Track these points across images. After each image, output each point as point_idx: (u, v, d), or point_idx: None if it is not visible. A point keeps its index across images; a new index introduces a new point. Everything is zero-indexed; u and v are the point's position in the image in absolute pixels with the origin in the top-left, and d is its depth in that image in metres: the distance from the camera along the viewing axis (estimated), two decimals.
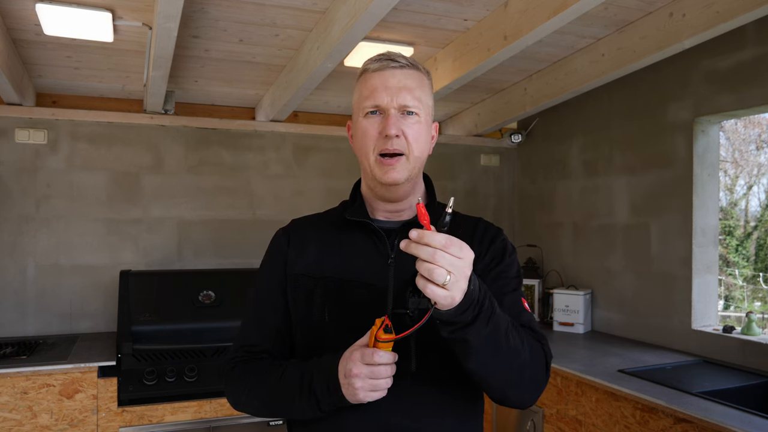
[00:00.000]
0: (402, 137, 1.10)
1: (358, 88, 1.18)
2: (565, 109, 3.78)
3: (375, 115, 1.12)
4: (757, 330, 2.72)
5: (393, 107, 1.11)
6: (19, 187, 3.31)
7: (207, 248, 3.66)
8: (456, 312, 0.91)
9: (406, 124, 1.11)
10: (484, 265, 1.17)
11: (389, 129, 1.09)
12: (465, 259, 0.88)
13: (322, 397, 1.04)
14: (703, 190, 2.98)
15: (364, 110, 1.14)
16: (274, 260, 1.23)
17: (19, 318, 3.29)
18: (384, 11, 2.08)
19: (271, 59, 2.97)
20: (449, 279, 0.86)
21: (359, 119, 1.15)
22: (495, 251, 1.19)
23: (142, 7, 2.34)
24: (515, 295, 1.16)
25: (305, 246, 1.20)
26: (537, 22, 2.28)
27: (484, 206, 4.36)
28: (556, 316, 3.58)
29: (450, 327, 0.94)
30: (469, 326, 0.94)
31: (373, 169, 1.12)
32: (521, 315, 1.14)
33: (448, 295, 0.87)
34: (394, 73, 1.13)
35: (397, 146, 1.10)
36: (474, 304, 0.93)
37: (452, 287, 0.87)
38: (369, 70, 1.15)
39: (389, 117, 1.10)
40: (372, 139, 1.12)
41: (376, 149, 1.11)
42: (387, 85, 1.12)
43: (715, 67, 2.85)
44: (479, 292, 0.94)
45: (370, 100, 1.12)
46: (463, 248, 0.89)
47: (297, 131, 3.87)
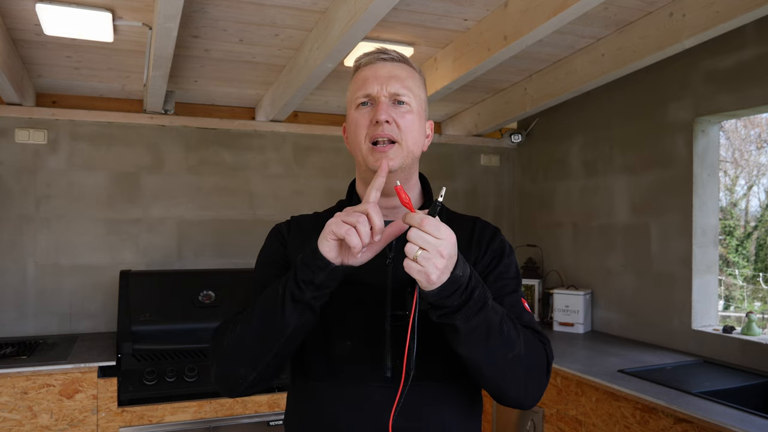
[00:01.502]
0: (393, 124, 1.10)
1: (350, 85, 1.19)
2: (565, 109, 3.78)
3: (366, 106, 1.13)
4: (757, 330, 2.72)
5: (383, 95, 1.11)
6: (19, 187, 3.31)
7: (207, 248, 3.66)
8: (440, 294, 0.93)
9: (398, 112, 1.12)
10: (484, 265, 1.17)
11: (380, 114, 1.09)
12: (442, 239, 0.90)
13: (302, 272, 0.98)
14: (703, 190, 2.98)
15: (355, 102, 1.14)
16: (273, 247, 1.23)
17: (19, 318, 3.29)
18: (384, 11, 2.08)
19: (271, 59, 2.97)
20: (419, 253, 0.89)
21: (351, 112, 1.16)
22: (494, 251, 1.19)
23: (142, 7, 2.34)
24: (515, 296, 1.16)
25: (303, 240, 1.20)
26: (537, 22, 2.28)
27: (484, 206, 4.36)
28: (556, 316, 3.58)
29: (438, 311, 0.96)
30: (457, 312, 0.95)
31: (366, 157, 1.12)
32: (522, 316, 1.14)
33: (421, 270, 0.90)
34: (385, 65, 1.14)
35: (389, 131, 1.09)
36: (461, 289, 0.94)
37: (424, 263, 0.89)
38: (361, 65, 1.16)
39: (380, 104, 1.11)
40: (363, 127, 1.12)
41: (368, 137, 1.11)
42: (377, 75, 1.13)
43: (715, 67, 2.84)
44: (469, 280, 0.95)
45: (361, 91, 1.13)
46: (440, 228, 0.91)
47: (297, 131, 3.87)
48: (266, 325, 1.02)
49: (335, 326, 1.12)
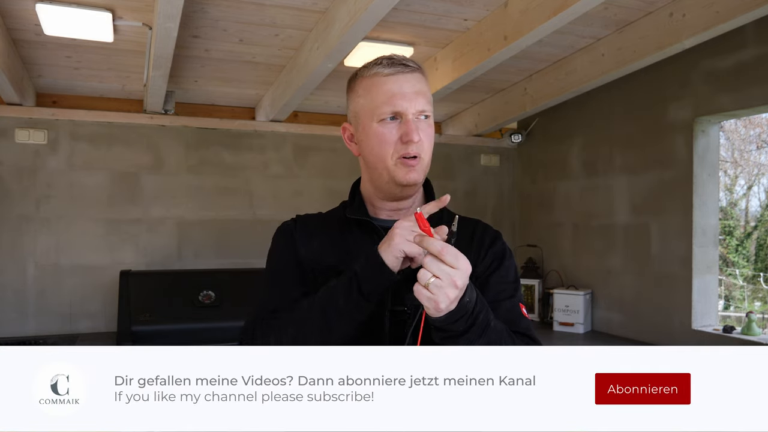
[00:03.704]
0: (421, 141, 1.12)
1: (368, 93, 1.17)
2: (565, 109, 3.78)
3: (393, 121, 1.13)
4: (757, 330, 2.72)
5: (411, 112, 1.12)
6: (19, 187, 3.30)
7: (207, 248, 3.66)
8: (447, 320, 0.93)
9: (422, 128, 1.13)
10: (484, 268, 1.17)
11: (413, 135, 1.11)
12: (458, 269, 0.90)
13: (366, 285, 1.00)
14: (703, 190, 2.97)
15: (379, 116, 1.14)
16: (287, 241, 1.22)
17: (19, 318, 3.28)
18: (384, 11, 2.08)
19: (271, 59, 2.97)
20: (432, 281, 0.89)
21: (372, 125, 1.15)
22: (495, 254, 1.19)
23: (142, 7, 2.34)
24: (513, 301, 1.16)
25: (309, 238, 1.21)
26: (537, 22, 2.29)
27: (484, 206, 4.35)
28: (556, 316, 3.58)
29: (441, 333, 0.96)
30: (460, 336, 0.95)
31: (393, 172, 1.13)
32: (519, 321, 1.14)
33: (430, 297, 0.89)
34: (408, 78, 1.14)
35: (418, 150, 1.12)
36: (468, 315, 0.94)
37: (436, 291, 0.89)
38: (380, 75, 1.15)
39: (409, 123, 1.12)
40: (391, 144, 1.13)
41: (396, 154, 1.12)
42: (403, 91, 1.13)
43: (715, 67, 2.84)
44: (475, 305, 0.96)
45: (389, 107, 1.13)
46: (458, 258, 0.90)
47: (297, 131, 3.87)
48: (323, 338, 1.03)
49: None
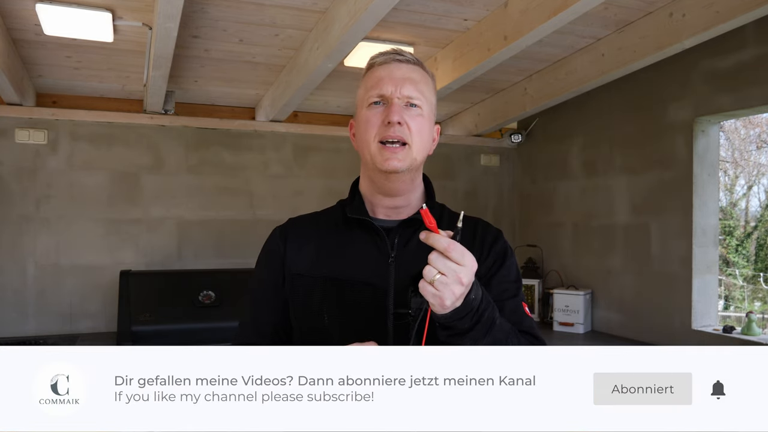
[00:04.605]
0: (405, 126, 1.10)
1: (363, 83, 1.18)
2: (565, 109, 3.78)
3: (378, 105, 1.13)
4: (757, 330, 2.72)
5: (396, 97, 1.11)
6: (19, 187, 3.30)
7: (207, 248, 3.66)
8: (453, 317, 0.92)
9: (409, 115, 1.12)
10: (487, 268, 1.16)
11: (392, 116, 1.09)
12: (464, 266, 0.90)
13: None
14: (703, 190, 2.98)
15: (367, 101, 1.14)
16: (270, 259, 1.23)
17: (19, 318, 3.28)
18: (384, 11, 2.08)
19: (271, 59, 2.97)
20: (437, 278, 0.89)
21: (362, 111, 1.15)
22: (497, 253, 1.19)
23: (142, 7, 2.34)
24: (516, 300, 1.16)
25: (303, 244, 1.19)
26: (537, 22, 2.29)
27: (484, 206, 4.35)
28: (556, 316, 3.58)
29: (447, 331, 0.95)
30: (466, 334, 0.95)
31: (374, 156, 1.11)
32: (523, 321, 1.13)
33: (436, 294, 0.89)
34: (400, 66, 1.14)
35: (400, 133, 1.10)
36: (473, 312, 0.94)
37: (441, 288, 0.89)
38: (375, 64, 1.16)
39: (392, 105, 1.11)
40: (374, 126, 1.11)
41: (377, 137, 1.11)
42: (392, 76, 1.12)
43: (715, 67, 2.84)
44: (480, 302, 0.95)
45: (375, 90, 1.13)
46: (465, 255, 0.90)
47: (297, 131, 3.87)
48: None
49: (336, 327, 1.12)
